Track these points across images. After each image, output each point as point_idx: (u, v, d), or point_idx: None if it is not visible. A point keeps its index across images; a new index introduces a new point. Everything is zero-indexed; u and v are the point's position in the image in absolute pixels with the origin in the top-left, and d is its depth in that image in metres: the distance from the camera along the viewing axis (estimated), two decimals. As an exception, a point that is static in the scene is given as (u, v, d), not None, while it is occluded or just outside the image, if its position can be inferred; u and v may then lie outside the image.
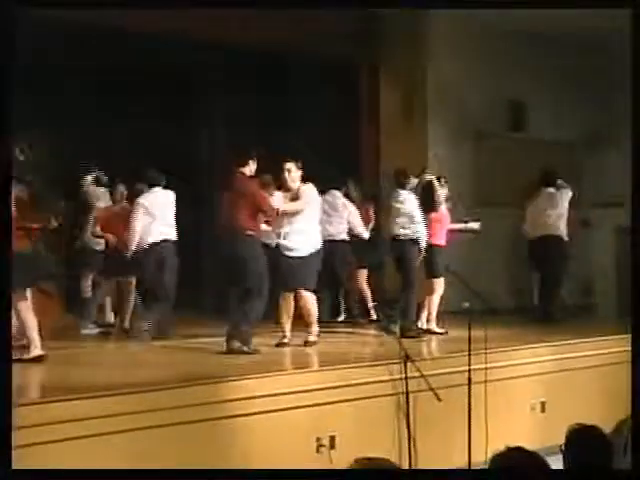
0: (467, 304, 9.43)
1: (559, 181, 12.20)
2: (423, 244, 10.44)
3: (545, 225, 12.05)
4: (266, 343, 9.48)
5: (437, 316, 10.95)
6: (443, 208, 10.97)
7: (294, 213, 9.53)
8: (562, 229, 12.08)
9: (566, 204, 12.10)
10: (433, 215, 10.73)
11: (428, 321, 10.87)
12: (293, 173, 9.64)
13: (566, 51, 14.30)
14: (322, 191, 10.59)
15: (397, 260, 10.67)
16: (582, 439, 4.36)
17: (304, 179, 9.68)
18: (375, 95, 13.76)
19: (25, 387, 7.26)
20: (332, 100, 13.50)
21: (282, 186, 9.72)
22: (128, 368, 8.40)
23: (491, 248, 13.55)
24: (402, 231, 10.46)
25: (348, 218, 11.76)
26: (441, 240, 10.88)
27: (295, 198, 9.61)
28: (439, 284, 10.88)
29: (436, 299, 10.89)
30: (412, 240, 10.43)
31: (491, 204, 13.49)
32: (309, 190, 9.69)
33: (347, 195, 11.92)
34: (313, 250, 9.64)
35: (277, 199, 9.62)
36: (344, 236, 11.72)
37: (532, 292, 13.19)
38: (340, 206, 11.77)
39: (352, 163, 12.92)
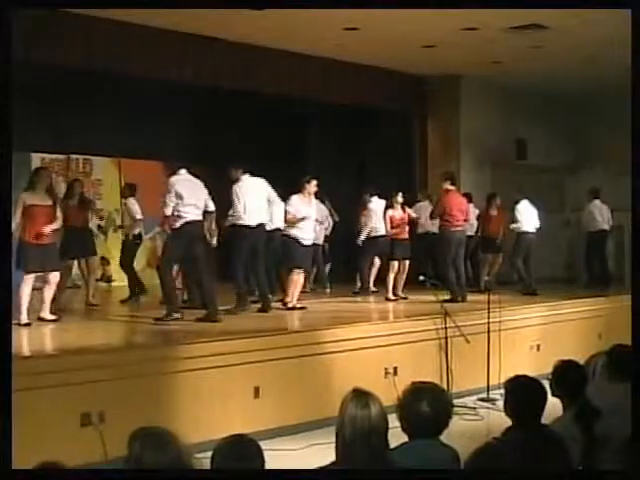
0: (487, 278, 9.32)
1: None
2: None
3: (600, 223, 11.93)
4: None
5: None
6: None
7: None
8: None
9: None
10: None
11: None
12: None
13: (557, 103, 14.00)
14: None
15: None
16: (563, 369, 4.28)
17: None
18: (424, 137, 13.63)
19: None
20: (395, 141, 13.47)
21: (301, 192, 8.84)
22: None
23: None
24: None
25: None
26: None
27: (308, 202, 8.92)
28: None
29: None
30: None
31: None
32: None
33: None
34: None
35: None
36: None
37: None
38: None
39: (409, 184, 12.80)
